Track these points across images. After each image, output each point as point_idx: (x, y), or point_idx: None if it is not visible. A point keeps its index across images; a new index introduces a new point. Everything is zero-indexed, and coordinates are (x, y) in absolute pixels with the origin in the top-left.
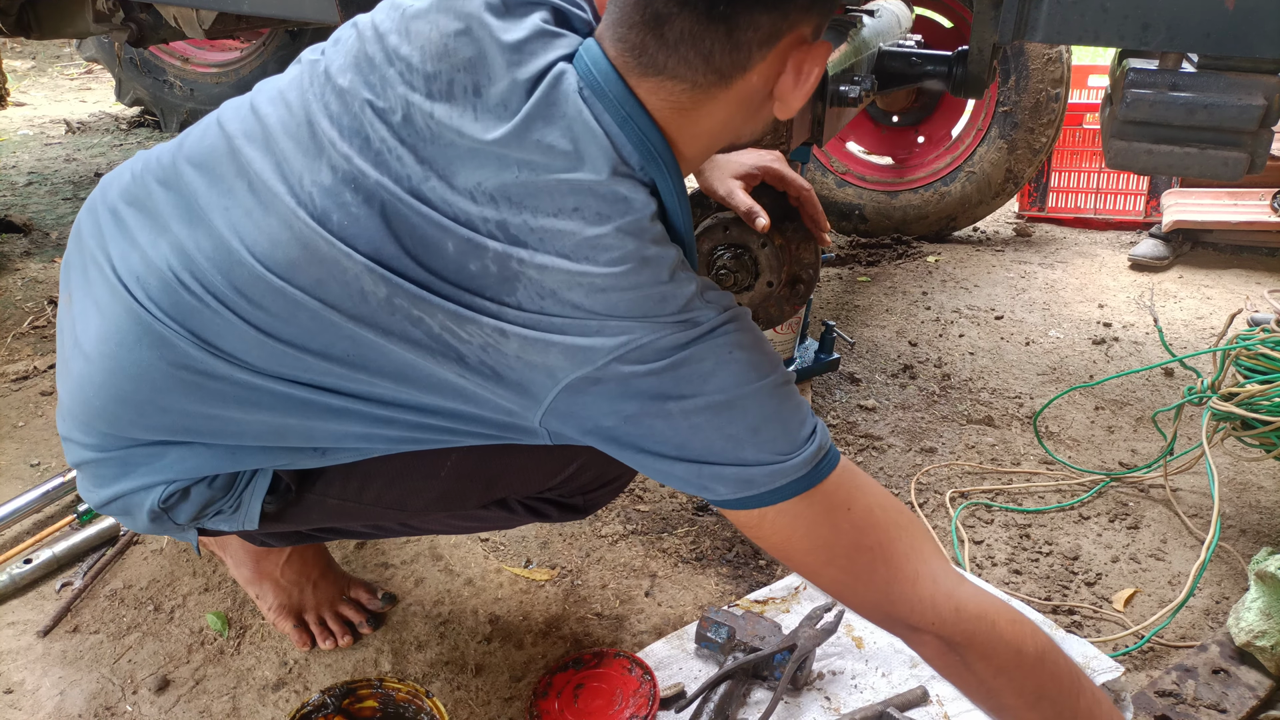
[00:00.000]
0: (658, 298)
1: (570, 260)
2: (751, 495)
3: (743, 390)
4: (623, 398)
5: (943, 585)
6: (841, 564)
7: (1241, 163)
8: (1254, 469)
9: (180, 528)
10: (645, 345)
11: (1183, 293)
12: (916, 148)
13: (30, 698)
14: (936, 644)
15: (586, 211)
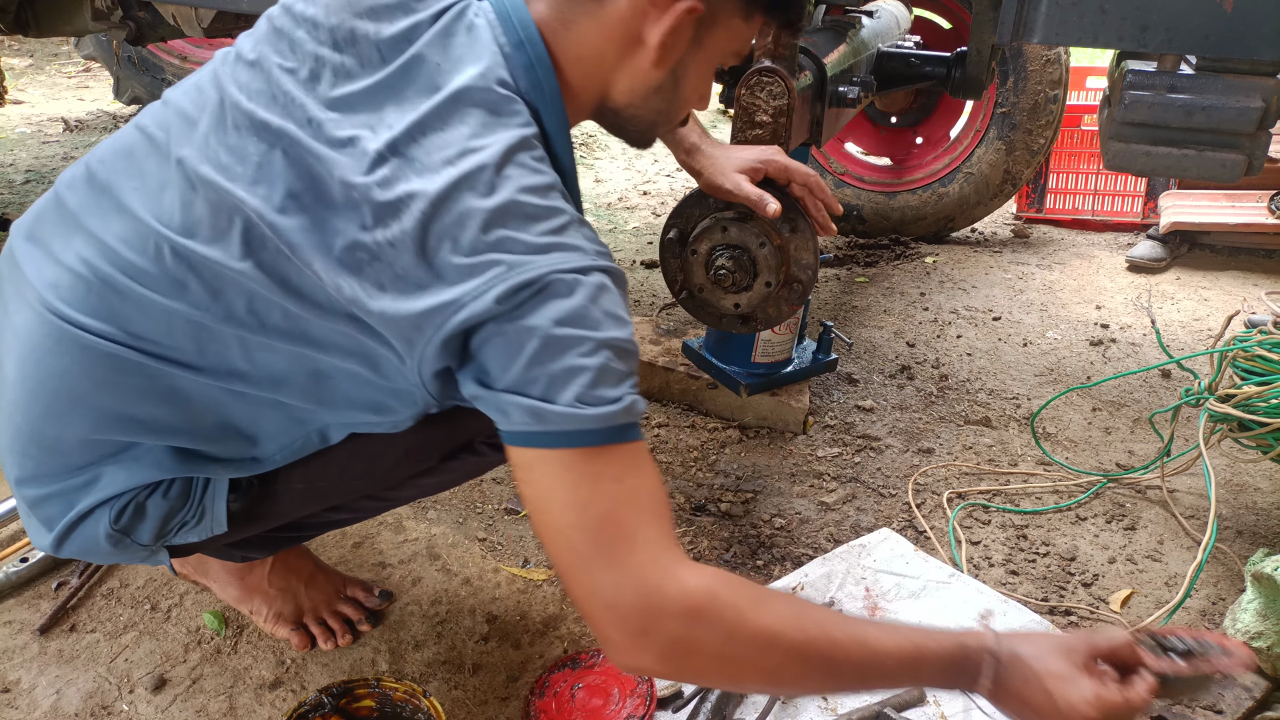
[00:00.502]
0: (530, 215)
1: (452, 168)
2: (538, 431)
3: (582, 332)
4: (478, 305)
5: (673, 572)
6: (588, 531)
7: (1239, 164)
8: (1251, 470)
9: (148, 549)
10: (510, 261)
11: (1180, 294)
12: (915, 149)
13: (26, 696)
14: (657, 637)
15: (471, 123)
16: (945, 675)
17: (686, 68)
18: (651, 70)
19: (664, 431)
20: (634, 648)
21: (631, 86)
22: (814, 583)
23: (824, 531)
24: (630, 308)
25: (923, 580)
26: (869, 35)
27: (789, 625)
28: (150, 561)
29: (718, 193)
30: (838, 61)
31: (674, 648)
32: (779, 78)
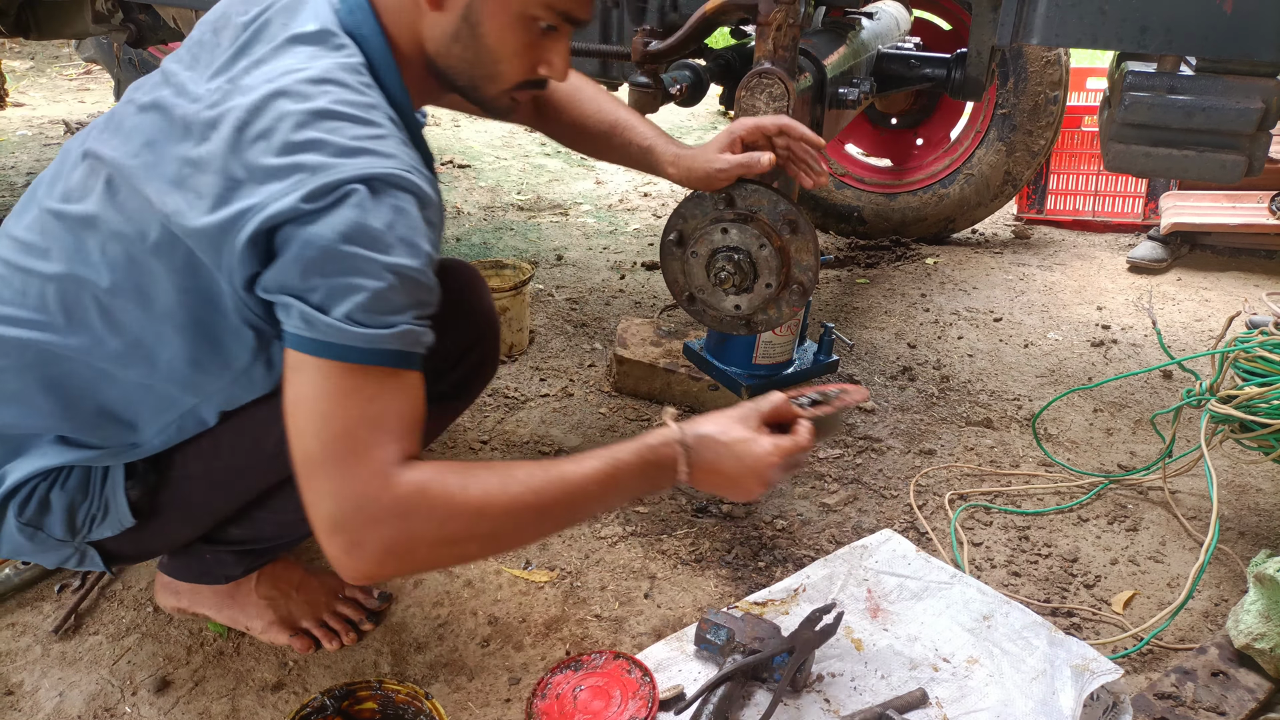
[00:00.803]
0: (345, 118)
1: (271, 84)
2: (306, 337)
3: (369, 253)
4: (281, 204)
5: (388, 481)
6: (323, 441)
7: (1239, 165)
8: (1253, 471)
9: (69, 545)
10: (316, 163)
11: (1181, 295)
12: (915, 150)
13: (29, 699)
14: (372, 545)
15: (299, 55)
16: (645, 478)
17: (479, 14)
18: (434, 14)
19: None
20: (348, 556)
21: (432, 34)
22: (815, 584)
23: (825, 533)
24: (434, 231)
25: (925, 581)
26: (869, 37)
27: (495, 492)
28: (84, 565)
29: (712, 180)
30: (838, 63)
31: (390, 550)
32: (778, 79)
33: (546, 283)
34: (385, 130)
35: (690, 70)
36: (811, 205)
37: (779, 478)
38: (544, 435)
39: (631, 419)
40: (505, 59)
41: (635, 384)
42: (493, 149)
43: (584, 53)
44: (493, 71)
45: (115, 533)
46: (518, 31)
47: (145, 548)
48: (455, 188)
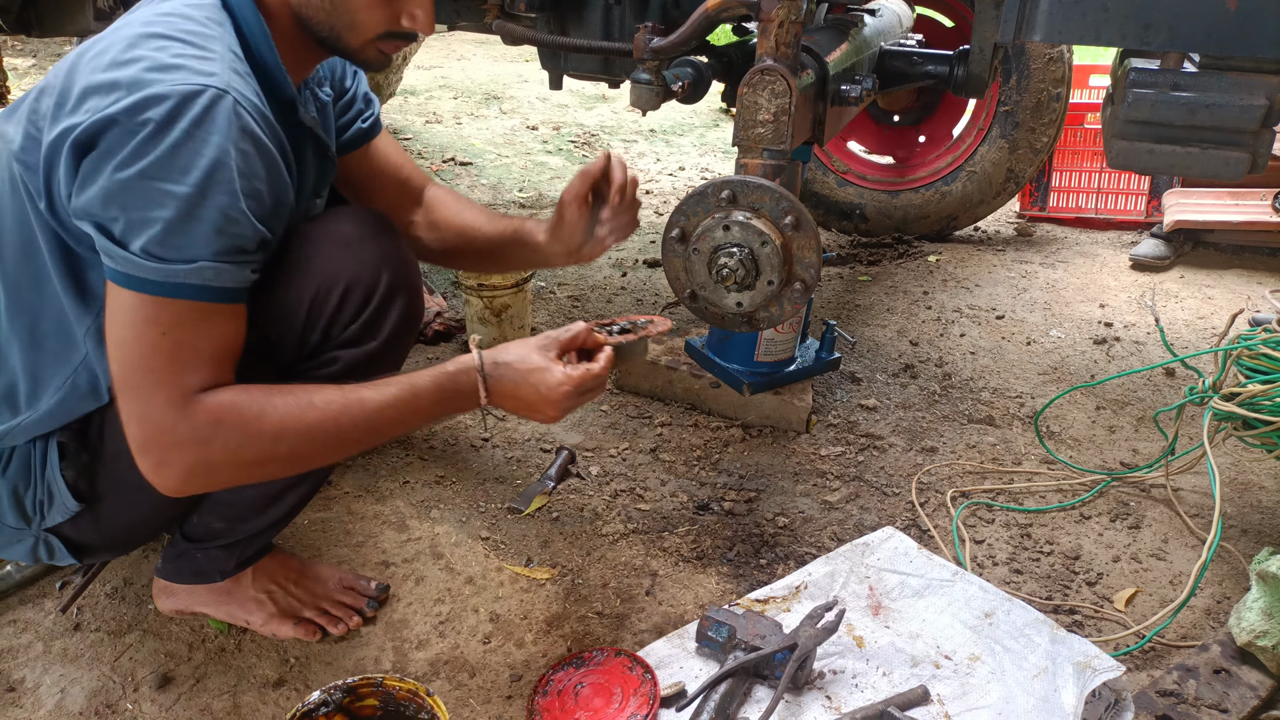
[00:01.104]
0: (174, 38)
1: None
2: (109, 266)
3: (171, 187)
4: (96, 119)
5: (186, 409)
6: (126, 366)
7: (1243, 162)
8: (1255, 469)
9: (27, 531)
10: (133, 78)
11: (1184, 292)
12: (918, 147)
13: (31, 695)
14: (175, 466)
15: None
16: (443, 402)
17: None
18: None
19: (667, 430)
20: (156, 475)
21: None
22: (817, 581)
23: (827, 530)
24: (257, 162)
25: (926, 579)
26: (871, 34)
27: (294, 416)
28: (53, 558)
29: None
30: (840, 60)
31: (192, 471)
32: (780, 76)
33: (548, 280)
34: (215, 54)
35: (692, 67)
36: (814, 202)
37: (573, 404)
38: (545, 433)
39: (633, 416)
40: (362, 8)
41: (637, 381)
42: (494, 146)
43: (585, 49)
44: (351, 20)
45: (66, 518)
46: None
47: (107, 536)
48: (457, 185)
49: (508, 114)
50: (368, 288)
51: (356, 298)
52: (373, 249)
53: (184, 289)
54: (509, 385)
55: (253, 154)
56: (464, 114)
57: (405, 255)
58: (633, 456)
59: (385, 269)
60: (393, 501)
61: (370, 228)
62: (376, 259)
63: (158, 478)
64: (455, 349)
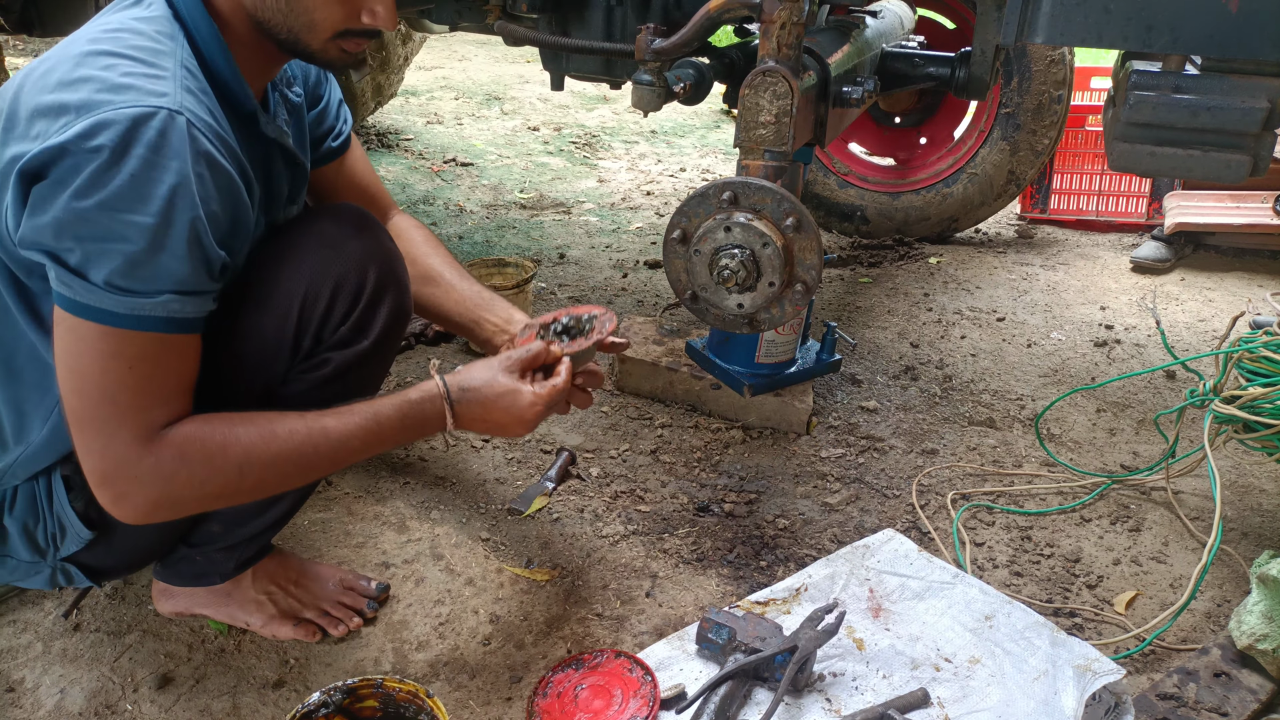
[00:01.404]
0: (124, 56)
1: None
2: (67, 297)
3: (133, 218)
4: (44, 145)
5: (150, 446)
6: (89, 400)
7: (1244, 165)
8: (1256, 472)
9: (43, 563)
10: (84, 101)
11: (1185, 295)
12: (919, 149)
13: (31, 696)
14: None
15: (112, 16)
16: (408, 430)
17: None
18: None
19: (667, 432)
20: (116, 508)
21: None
22: (817, 583)
23: (828, 532)
24: (212, 185)
25: (927, 581)
26: (873, 35)
27: (258, 447)
28: (72, 582)
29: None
30: (841, 61)
31: (155, 505)
32: (782, 78)
33: (549, 281)
34: (166, 72)
35: (694, 68)
36: (815, 204)
37: (543, 419)
38: (545, 434)
39: (634, 417)
40: (319, 6)
41: (638, 383)
42: (495, 147)
43: (587, 50)
44: (309, 20)
45: (80, 546)
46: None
47: (124, 558)
48: (458, 186)
49: (509, 115)
50: (356, 287)
51: (346, 297)
52: (357, 247)
53: (148, 321)
54: (478, 409)
55: (208, 177)
56: (465, 115)
57: (391, 251)
58: (633, 458)
59: (372, 267)
60: (393, 502)
61: (353, 225)
62: (362, 257)
63: (118, 510)
64: (455, 350)
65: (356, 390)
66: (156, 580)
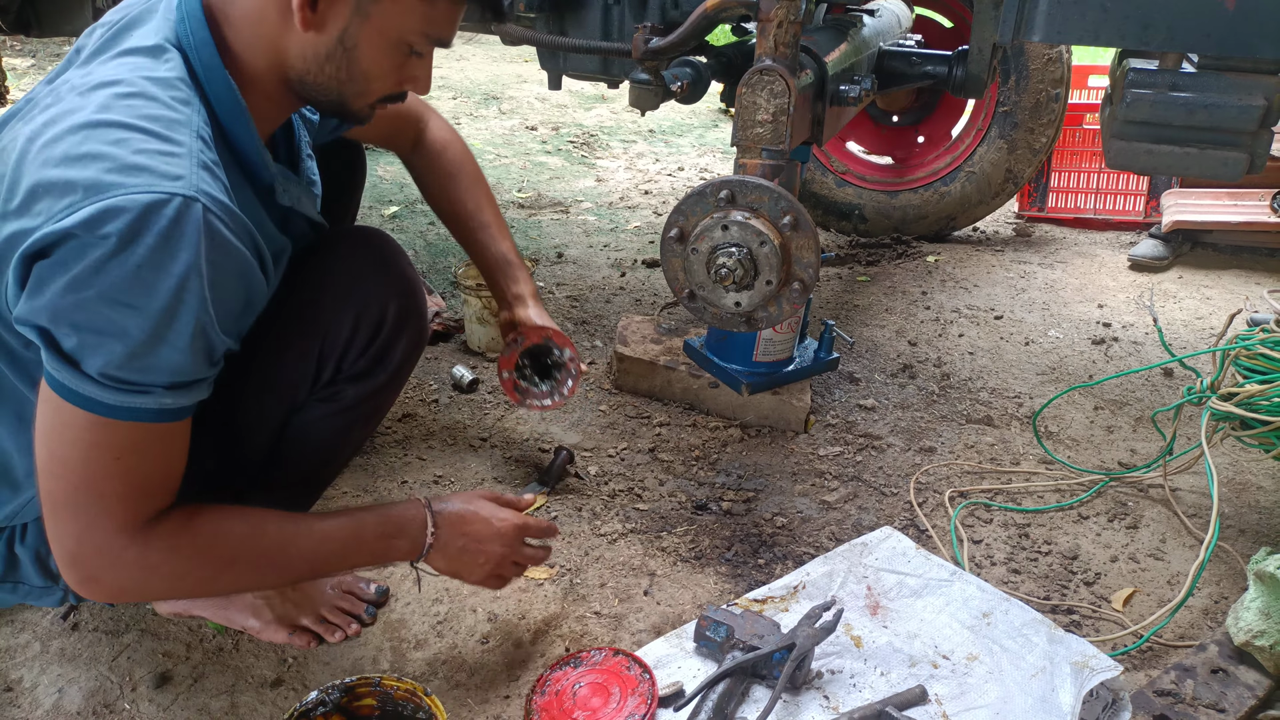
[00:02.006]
0: (136, 129)
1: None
2: (57, 380)
3: (132, 306)
4: (52, 228)
5: (134, 539)
6: (69, 485)
7: (1241, 163)
8: (1253, 469)
9: (55, 587)
10: (92, 181)
11: (1182, 293)
12: (916, 148)
13: (28, 695)
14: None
15: (126, 64)
16: (386, 541)
17: (356, 38)
18: (307, 35)
19: (665, 430)
20: (82, 587)
21: (303, 53)
22: (815, 581)
23: (825, 530)
24: (225, 270)
25: (924, 578)
26: (870, 34)
27: (246, 545)
28: (83, 600)
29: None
30: (839, 60)
31: (124, 590)
32: (779, 76)
33: (547, 280)
34: (181, 147)
35: (691, 67)
36: (812, 203)
37: (519, 537)
38: (544, 433)
39: (632, 416)
40: (377, 78)
41: (635, 381)
42: (493, 147)
43: (585, 49)
44: (363, 89)
45: None
46: (392, 55)
47: None
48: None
49: (507, 114)
50: (377, 320)
51: (366, 331)
52: (380, 280)
53: (140, 413)
54: (461, 525)
55: (223, 263)
56: (463, 114)
57: (412, 282)
58: (631, 456)
59: (393, 300)
60: None
61: (375, 256)
62: (384, 290)
63: (84, 590)
64: (454, 349)
65: (370, 416)
66: None
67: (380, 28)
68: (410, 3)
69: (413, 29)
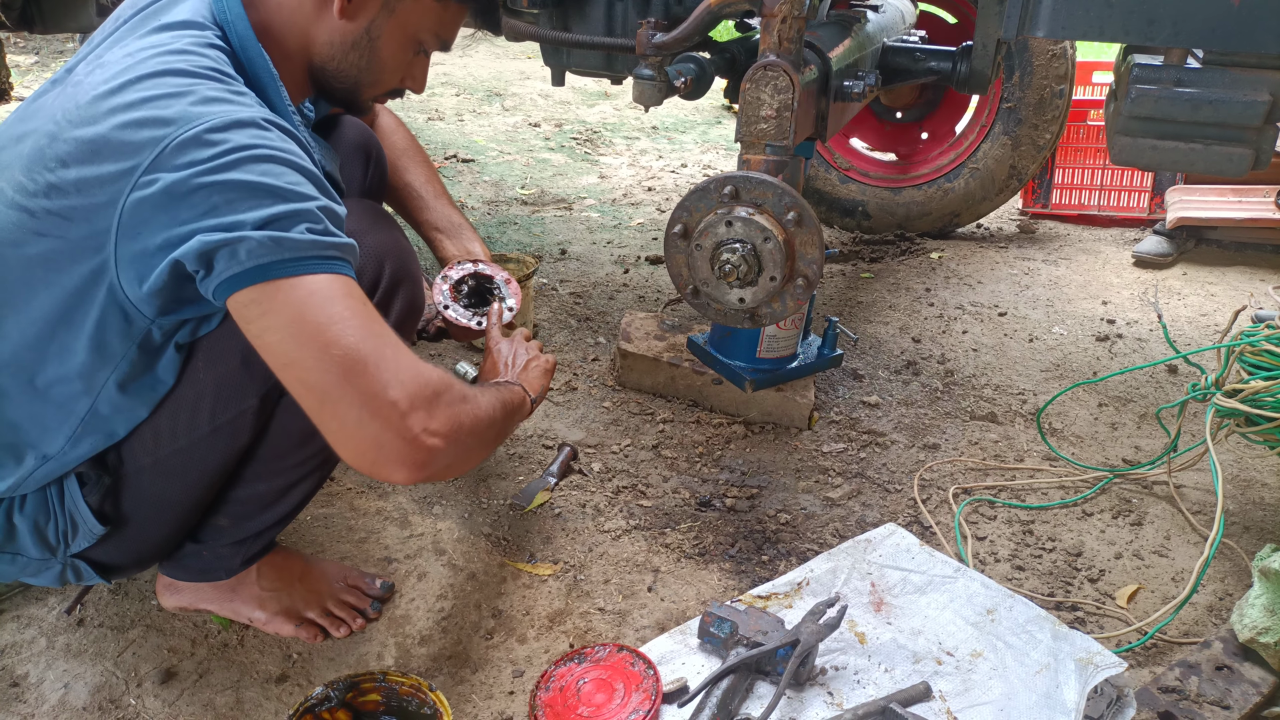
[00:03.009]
0: (205, 86)
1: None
2: (272, 260)
3: (290, 180)
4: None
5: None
6: (353, 346)
7: (1246, 159)
8: (1258, 466)
9: (54, 560)
10: (184, 116)
11: (1187, 289)
12: (920, 144)
13: (34, 690)
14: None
15: (164, 36)
16: (517, 413)
17: (380, 30)
18: (341, 22)
19: (669, 427)
20: (410, 463)
21: (330, 39)
22: (819, 578)
23: (829, 527)
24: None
25: (928, 575)
26: (874, 30)
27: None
28: (81, 579)
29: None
30: (843, 56)
31: (452, 440)
32: (783, 72)
33: (550, 277)
34: (247, 95)
35: (695, 63)
36: (816, 200)
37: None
38: (547, 429)
39: (635, 413)
40: (389, 70)
41: (639, 378)
42: (496, 143)
43: (588, 45)
44: (376, 79)
45: (92, 543)
46: (405, 49)
47: (134, 554)
48: (459, 182)
49: (510, 111)
50: (371, 281)
51: (364, 286)
52: (373, 242)
53: (348, 261)
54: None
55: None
56: (466, 111)
57: (405, 246)
58: (635, 453)
59: (387, 262)
60: (395, 498)
61: (368, 221)
62: (378, 252)
63: (433, 435)
64: (456, 346)
65: None
66: (161, 575)
67: (402, 23)
68: (429, 3)
69: (427, 28)
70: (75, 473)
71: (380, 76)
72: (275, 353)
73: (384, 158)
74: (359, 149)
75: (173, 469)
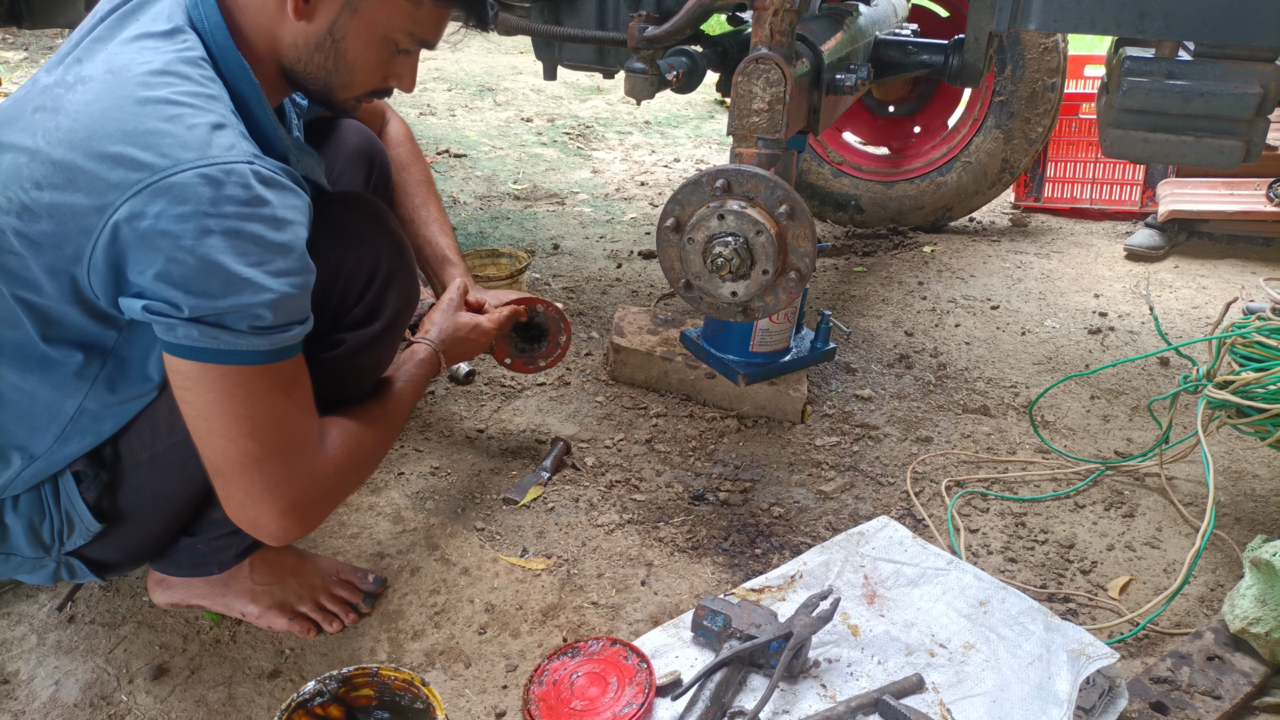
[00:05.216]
0: (190, 117)
1: (113, 74)
2: (205, 348)
3: (255, 266)
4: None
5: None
6: (264, 438)
7: (1237, 151)
8: (1249, 457)
9: (48, 558)
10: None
11: (1178, 282)
12: (913, 138)
13: (25, 687)
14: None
15: (143, 47)
16: (425, 381)
17: (344, 31)
18: (299, 23)
19: (662, 421)
20: (301, 526)
21: (294, 41)
22: (812, 570)
23: (822, 520)
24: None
25: (921, 567)
26: (866, 23)
27: (381, 425)
28: (75, 577)
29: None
30: (835, 49)
31: (332, 507)
32: (775, 65)
33: (543, 272)
34: (228, 121)
35: (686, 56)
36: (809, 193)
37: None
38: (540, 424)
39: (628, 407)
40: (362, 71)
41: (632, 372)
42: (489, 138)
43: (579, 39)
44: (348, 80)
45: (88, 540)
46: (378, 50)
47: (129, 550)
48: (451, 177)
49: (502, 106)
50: (369, 273)
51: (359, 283)
52: (371, 235)
53: (290, 350)
54: (457, 345)
55: (298, 207)
56: (458, 106)
57: (401, 240)
58: (628, 447)
59: (384, 255)
60: (387, 493)
61: (366, 214)
62: (376, 245)
63: (303, 526)
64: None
65: (368, 370)
66: (153, 571)
67: (368, 23)
68: (397, 1)
69: (398, 27)
70: (71, 470)
71: (353, 78)
72: (190, 418)
73: (388, 166)
74: (362, 155)
75: (170, 463)
